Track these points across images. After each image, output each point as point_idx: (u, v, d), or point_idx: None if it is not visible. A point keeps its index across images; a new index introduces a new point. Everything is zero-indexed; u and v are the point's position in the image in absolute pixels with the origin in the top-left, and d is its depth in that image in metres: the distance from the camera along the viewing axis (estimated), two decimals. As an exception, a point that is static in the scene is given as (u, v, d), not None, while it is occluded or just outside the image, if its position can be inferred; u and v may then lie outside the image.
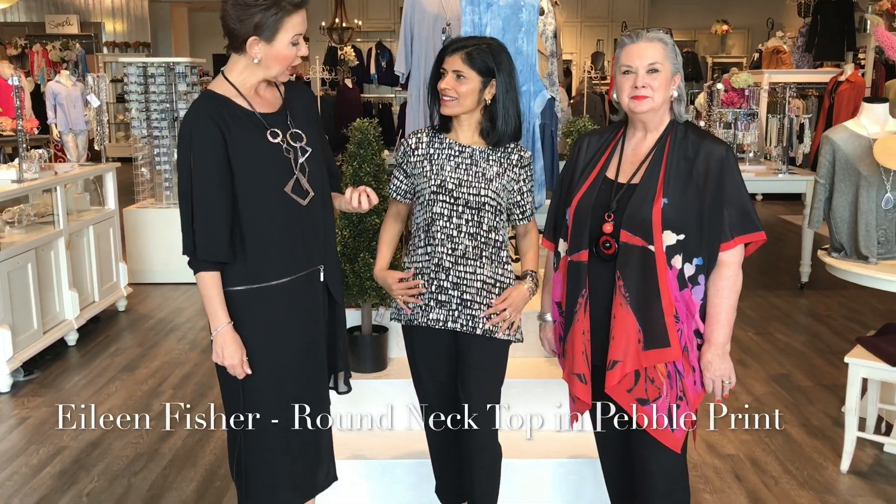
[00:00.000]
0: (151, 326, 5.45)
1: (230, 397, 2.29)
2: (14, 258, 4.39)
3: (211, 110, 2.14)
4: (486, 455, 2.54)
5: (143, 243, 6.41)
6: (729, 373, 2.29)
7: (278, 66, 2.18)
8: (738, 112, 6.02)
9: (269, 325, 2.24)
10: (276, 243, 2.21)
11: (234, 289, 2.20)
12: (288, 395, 2.31)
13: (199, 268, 2.16)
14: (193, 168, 2.12)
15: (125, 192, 7.35)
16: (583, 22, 15.64)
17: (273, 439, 2.30)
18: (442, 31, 4.36)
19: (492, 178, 2.43)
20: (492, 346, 2.49)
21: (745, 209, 2.25)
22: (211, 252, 2.14)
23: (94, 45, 15.06)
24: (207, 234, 2.13)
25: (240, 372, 2.20)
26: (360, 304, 3.33)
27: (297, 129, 2.27)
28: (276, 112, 2.26)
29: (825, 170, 3.60)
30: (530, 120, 3.77)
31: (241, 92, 2.19)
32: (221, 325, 2.17)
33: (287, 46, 2.15)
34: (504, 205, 2.47)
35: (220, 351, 2.18)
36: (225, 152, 2.12)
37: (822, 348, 4.94)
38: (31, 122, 7.17)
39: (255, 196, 2.17)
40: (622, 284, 2.22)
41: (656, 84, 2.20)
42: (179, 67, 6.44)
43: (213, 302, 2.17)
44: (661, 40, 2.22)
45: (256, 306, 2.22)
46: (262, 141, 2.18)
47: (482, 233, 2.44)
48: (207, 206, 2.13)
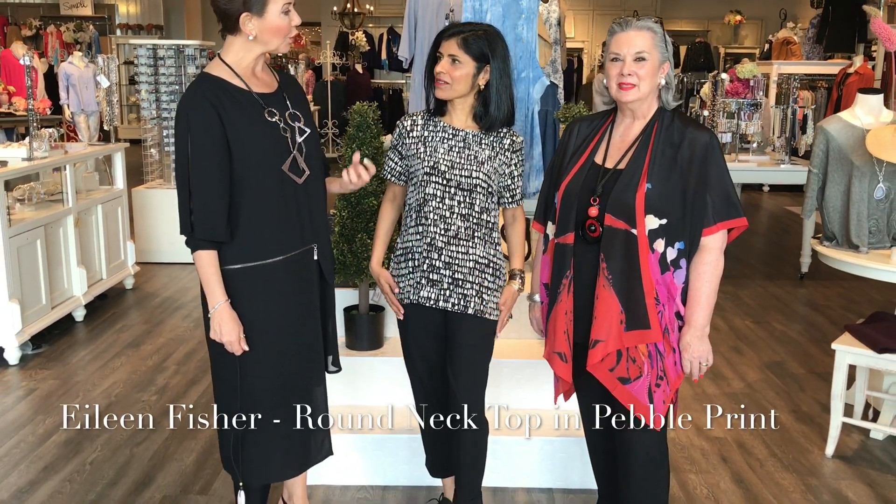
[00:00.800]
0: (157, 304, 5.55)
1: (224, 375, 2.34)
2: (24, 234, 4.50)
3: (207, 93, 2.17)
4: (472, 430, 2.61)
5: (150, 223, 6.52)
6: (707, 354, 2.35)
7: (275, 38, 2.22)
8: (742, 102, 6.05)
9: (266, 303, 2.29)
10: (274, 221, 2.26)
11: (231, 267, 2.24)
12: (284, 372, 2.37)
13: (197, 246, 2.20)
14: (191, 150, 2.15)
15: (135, 173, 7.46)
16: (595, 10, 15.63)
17: (269, 416, 2.36)
18: (445, 17, 4.42)
19: (483, 161, 2.50)
20: (481, 325, 2.56)
21: (727, 195, 2.30)
22: (208, 231, 2.18)
23: (107, 27, 15.16)
24: (205, 213, 2.17)
25: (237, 348, 2.25)
26: (357, 284, 3.41)
27: (294, 110, 2.33)
28: (273, 93, 2.31)
29: (819, 159, 3.65)
30: (529, 106, 3.83)
31: (238, 73, 2.24)
32: (219, 302, 2.21)
33: (279, 16, 2.19)
34: (495, 187, 2.54)
35: (217, 328, 2.23)
36: (222, 133, 2.16)
37: (817, 337, 4.99)
38: (44, 103, 7.29)
39: (253, 174, 2.21)
40: (605, 267, 2.28)
41: (643, 72, 2.26)
42: (189, 50, 6.52)
43: (211, 280, 2.21)
44: (650, 29, 2.27)
45: (253, 284, 2.27)
46: (259, 120, 2.23)
47: (474, 214, 2.51)
48: (205, 186, 2.16)
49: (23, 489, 3.14)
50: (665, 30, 2.34)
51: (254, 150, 2.21)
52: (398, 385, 3.27)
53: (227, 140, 2.17)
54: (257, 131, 2.22)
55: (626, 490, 2.44)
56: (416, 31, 4.48)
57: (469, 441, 2.63)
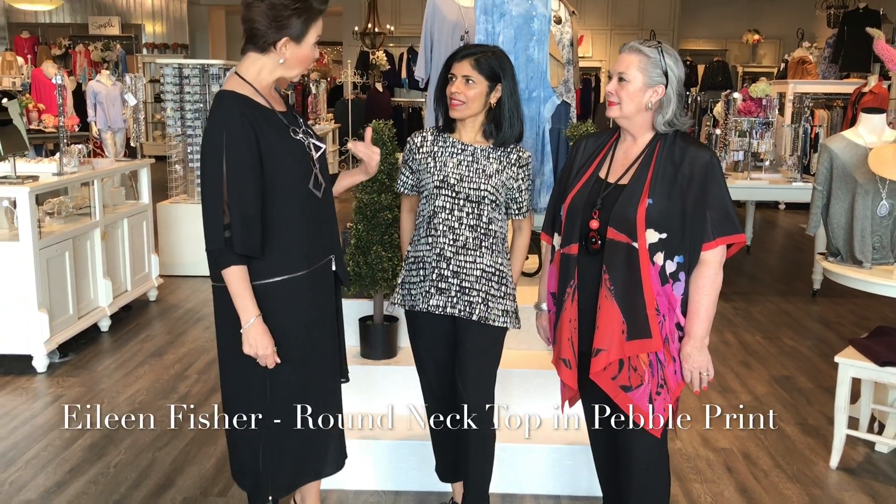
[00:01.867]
0: (180, 316, 5.70)
1: (250, 390, 2.36)
2: (53, 246, 4.67)
3: (242, 108, 2.22)
4: (480, 434, 2.72)
5: (174, 237, 6.69)
6: (707, 365, 2.43)
7: (300, 66, 2.33)
8: (754, 121, 6.14)
9: (294, 316, 2.35)
10: (302, 235, 2.33)
11: (260, 282, 2.27)
12: (310, 382, 2.43)
13: (230, 262, 2.20)
14: (228, 166, 2.17)
15: (160, 189, 7.65)
16: (612, 30, 15.75)
17: (295, 425, 2.42)
18: (461, 39, 4.56)
19: (491, 175, 2.62)
20: (487, 331, 2.67)
21: (726, 212, 2.40)
22: (248, 246, 2.20)
23: (134, 46, 15.51)
24: (244, 228, 2.18)
25: (271, 362, 2.28)
26: (372, 295, 3.53)
27: (306, 127, 2.44)
28: (286, 112, 2.40)
29: (823, 177, 3.74)
30: (540, 124, 3.95)
31: (259, 91, 2.31)
32: (253, 317, 2.23)
33: (311, 48, 2.30)
34: (502, 200, 2.66)
35: (253, 343, 2.24)
36: (258, 149, 2.20)
37: (827, 353, 5.04)
38: (72, 120, 7.50)
39: (286, 191, 2.27)
40: (608, 278, 2.39)
41: (623, 93, 2.37)
42: (213, 69, 6.71)
43: (244, 295, 2.23)
44: (640, 51, 2.37)
45: (281, 298, 2.31)
46: (288, 138, 2.31)
47: (482, 224, 2.63)
48: (244, 202, 2.18)
49: (50, 490, 3.27)
50: (666, 54, 2.36)
51: (284, 166, 2.27)
52: (410, 393, 3.38)
53: (261, 155, 2.22)
54: (287, 149, 2.30)
55: (628, 495, 2.53)
56: (433, 52, 4.63)
57: (477, 446, 2.73)
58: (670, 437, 3.68)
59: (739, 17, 16.46)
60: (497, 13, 3.76)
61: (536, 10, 3.82)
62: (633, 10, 15.78)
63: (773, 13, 16.30)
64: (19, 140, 4.93)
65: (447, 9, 4.56)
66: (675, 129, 2.45)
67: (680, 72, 2.42)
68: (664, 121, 2.41)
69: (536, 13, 3.81)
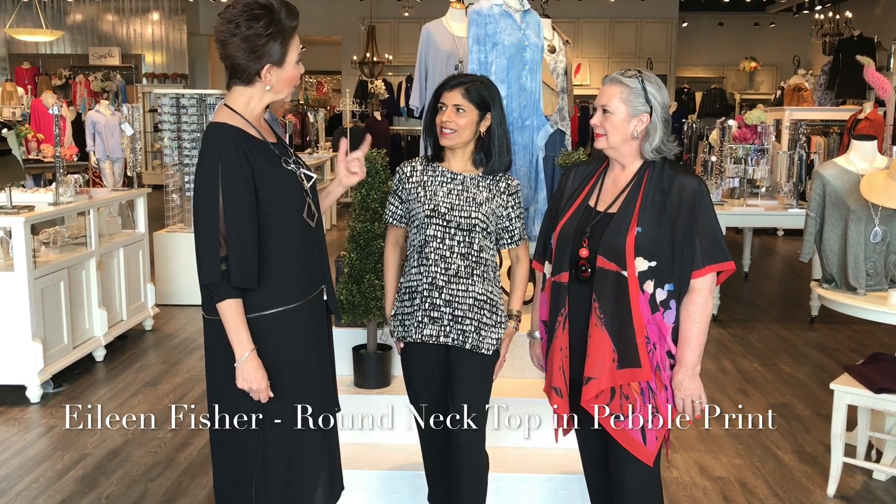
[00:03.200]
0: (175, 345, 5.69)
1: (242, 431, 2.29)
2: (48, 276, 4.67)
3: (237, 140, 2.21)
4: (472, 462, 2.69)
5: (170, 266, 6.69)
6: (699, 393, 2.42)
7: (287, 87, 2.33)
8: (749, 148, 6.17)
9: (289, 348, 2.32)
10: (296, 266, 2.31)
11: (255, 315, 2.23)
12: (306, 415, 2.38)
13: (226, 295, 2.17)
14: (224, 198, 2.14)
15: (157, 218, 7.67)
16: (610, 58, 15.88)
17: (287, 461, 2.36)
18: (455, 68, 4.59)
19: (482, 203, 2.63)
20: (479, 361, 2.66)
21: (716, 239, 2.40)
22: (244, 278, 2.17)
23: (134, 76, 15.63)
24: (241, 261, 2.16)
25: (265, 396, 2.24)
26: (365, 323, 3.52)
27: (297, 158, 2.44)
28: (277, 142, 2.40)
29: (815, 203, 3.74)
30: (534, 152, 3.97)
31: (250, 122, 2.30)
32: (248, 350, 2.19)
33: (294, 66, 2.30)
34: (492, 228, 2.67)
35: (248, 377, 2.20)
36: (253, 180, 2.19)
37: (825, 380, 5.01)
38: (71, 150, 7.55)
39: (280, 222, 2.26)
40: (598, 306, 2.38)
41: (608, 125, 2.39)
42: (210, 99, 6.75)
43: (240, 328, 2.19)
44: (621, 82, 2.38)
45: (276, 331, 2.27)
46: (280, 169, 2.30)
47: (473, 252, 2.63)
48: (241, 235, 2.15)
49: (40, 522, 3.25)
50: (647, 82, 2.36)
51: (279, 197, 2.26)
52: (405, 423, 3.36)
53: (256, 186, 2.20)
54: (281, 179, 2.29)
55: (622, 524, 2.50)
56: (427, 81, 4.65)
57: (470, 476, 2.71)
58: (666, 465, 3.66)
59: (736, 44, 16.62)
60: (490, 43, 3.79)
61: (529, 39, 3.85)
62: (630, 38, 15.93)
63: (769, 41, 16.46)
64: (17, 170, 4.95)
65: (441, 39, 4.60)
66: (663, 155, 2.46)
67: (663, 98, 2.43)
68: (652, 148, 2.42)
69: (529, 42, 3.84)
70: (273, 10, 2.20)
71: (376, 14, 14.92)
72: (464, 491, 2.71)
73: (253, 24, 2.17)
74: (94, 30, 16.01)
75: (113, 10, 16.00)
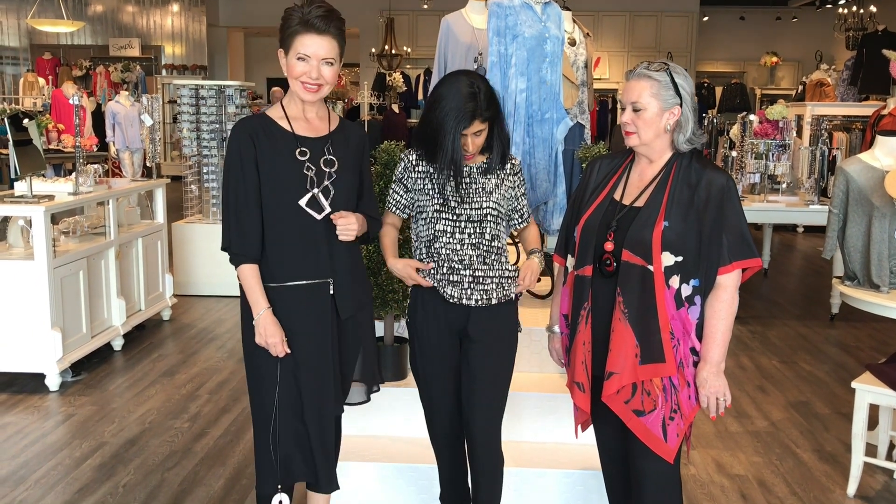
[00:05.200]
0: (193, 335, 5.71)
1: (263, 382, 2.49)
2: (67, 265, 4.69)
3: (248, 125, 2.44)
4: (488, 457, 2.67)
5: (188, 257, 6.72)
6: (723, 390, 2.39)
7: (291, 78, 2.41)
8: (771, 143, 6.10)
9: (280, 323, 2.44)
10: (286, 248, 2.44)
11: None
12: (292, 395, 2.48)
13: (238, 261, 2.43)
14: (229, 173, 2.42)
15: (175, 208, 7.70)
16: (630, 52, 15.77)
17: (289, 426, 2.50)
18: (474, 60, 4.57)
19: (491, 191, 2.61)
20: (506, 312, 2.66)
21: (743, 236, 2.37)
22: (242, 246, 2.41)
23: (153, 68, 15.69)
24: (240, 229, 2.41)
25: (280, 350, 2.41)
26: (382, 316, 3.51)
27: (332, 156, 2.48)
28: (318, 138, 2.48)
29: (838, 200, 3.69)
30: (553, 146, 3.94)
31: (288, 115, 2.47)
32: (263, 309, 2.41)
33: (294, 61, 2.38)
34: (504, 212, 2.66)
35: (263, 331, 2.41)
36: (254, 160, 2.41)
37: (845, 378, 4.97)
38: (91, 140, 7.58)
39: (273, 203, 2.43)
40: (622, 300, 2.36)
41: (640, 123, 2.35)
42: (229, 90, 6.76)
43: (255, 291, 2.42)
44: (649, 77, 2.35)
45: (271, 304, 2.43)
46: (287, 156, 2.42)
47: (484, 242, 2.62)
48: (239, 206, 2.41)
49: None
50: (675, 73, 2.35)
51: (275, 181, 2.42)
52: (421, 416, 3.35)
53: (258, 168, 2.41)
54: (282, 165, 2.42)
55: (640, 521, 2.48)
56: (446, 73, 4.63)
57: (485, 472, 2.69)
58: (684, 462, 3.63)
59: (757, 39, 16.47)
60: (510, 35, 3.76)
61: (549, 31, 3.82)
62: (651, 32, 15.81)
63: (791, 36, 16.30)
64: (38, 159, 4.98)
65: (461, 31, 4.57)
66: (694, 147, 2.43)
67: (690, 87, 2.40)
68: (685, 139, 2.39)
69: (549, 35, 3.81)
70: (300, 8, 2.36)
71: (395, 7, 14.89)
72: (480, 490, 2.68)
73: (287, 9, 2.39)
74: (114, 21, 16.08)
75: (133, 2, 16.07)
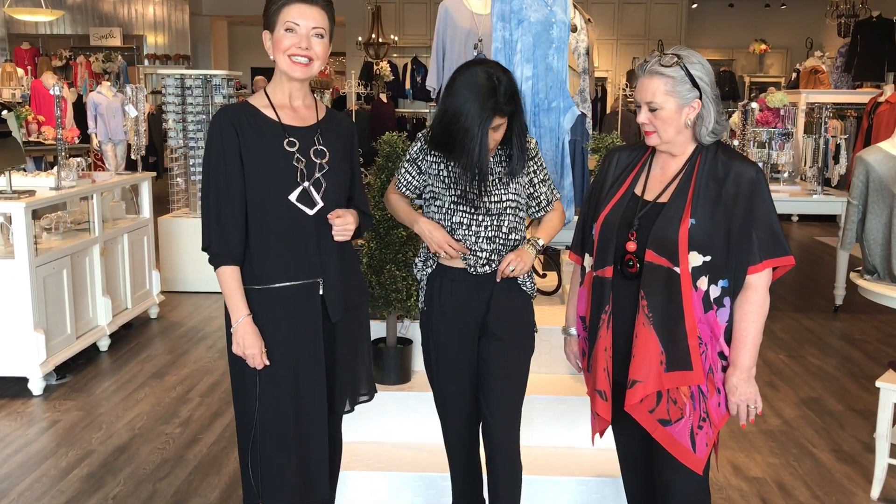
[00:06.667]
0: (182, 334, 5.52)
1: (243, 393, 2.33)
2: (50, 264, 4.49)
3: (230, 114, 2.25)
4: (507, 462, 2.52)
5: (176, 252, 6.51)
6: (755, 397, 2.25)
7: (278, 55, 2.22)
8: (773, 132, 5.97)
9: (263, 328, 2.26)
10: (275, 247, 2.26)
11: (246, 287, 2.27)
12: (281, 405, 2.30)
13: (219, 262, 2.24)
14: (210, 167, 2.23)
15: (161, 202, 7.48)
16: (619, 40, 15.61)
17: (275, 438, 2.32)
18: (474, 47, 4.39)
19: (508, 182, 2.46)
20: (521, 299, 2.53)
21: (774, 232, 2.22)
22: (223, 246, 2.23)
23: (135, 58, 15.37)
24: (221, 228, 2.23)
25: (259, 362, 2.24)
26: (385, 316, 3.34)
27: (322, 147, 2.30)
28: (306, 127, 2.30)
29: (858, 190, 3.55)
30: (560, 136, 3.78)
31: (273, 103, 2.28)
32: (241, 316, 2.23)
33: (280, 33, 2.21)
34: (523, 201, 2.51)
35: (240, 341, 2.23)
36: (238, 153, 2.22)
37: (854, 372, 4.85)
38: (72, 132, 7.33)
39: (259, 199, 2.24)
40: (645, 304, 2.20)
41: (658, 122, 2.19)
42: (216, 80, 6.54)
43: (234, 295, 2.24)
44: (661, 74, 2.17)
45: (254, 307, 2.26)
46: (277, 148, 2.24)
47: (501, 235, 2.48)
48: (220, 202, 2.23)
49: (44, 525, 3.09)
50: (689, 65, 2.16)
51: (262, 175, 2.24)
52: (427, 421, 3.20)
53: (242, 159, 2.22)
54: (269, 158, 2.24)
55: (666, 536, 2.34)
56: (445, 60, 4.45)
57: (505, 478, 2.53)
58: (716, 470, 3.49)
59: (746, 26, 16.34)
60: (515, 20, 3.59)
61: (556, 16, 3.65)
62: (640, 20, 15.66)
63: (780, 23, 16.19)
64: (17, 153, 4.76)
65: (460, 16, 4.39)
66: (718, 137, 2.27)
67: (710, 75, 2.23)
68: (709, 131, 2.23)
69: (556, 19, 3.64)
70: None
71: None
72: (500, 497, 2.53)
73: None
74: (94, 10, 15.73)
75: (114, -10, 15.74)
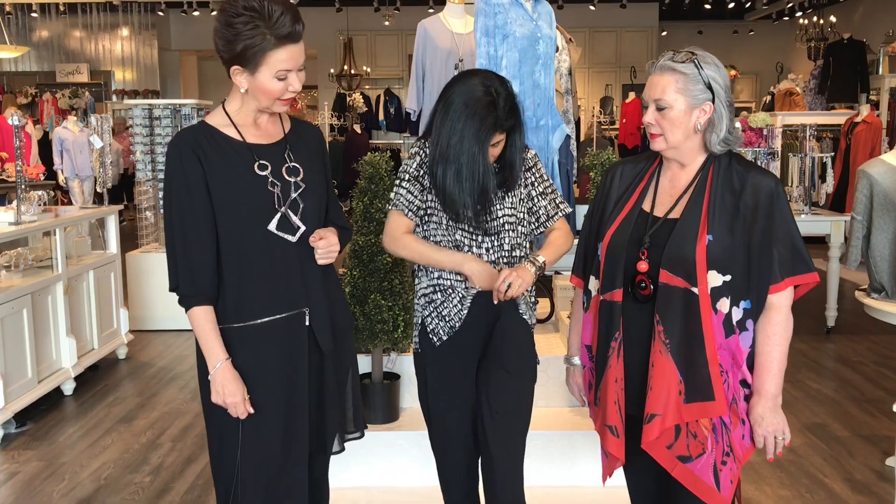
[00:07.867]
0: (152, 375, 5.23)
1: (223, 444, 2.12)
2: (9, 303, 4.21)
3: (189, 139, 2.04)
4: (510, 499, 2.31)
5: (145, 289, 6.24)
6: (783, 427, 2.07)
7: (265, 98, 2.03)
8: (758, 151, 5.86)
9: (246, 369, 2.06)
10: (257, 281, 2.06)
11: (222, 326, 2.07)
12: (266, 452, 2.10)
13: (189, 303, 2.04)
14: (172, 200, 2.02)
15: (130, 237, 7.21)
16: (591, 67, 15.63)
17: (260, 489, 2.11)
18: (455, 67, 4.23)
19: (504, 197, 2.31)
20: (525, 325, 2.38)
21: (795, 247, 2.05)
22: (193, 285, 2.03)
23: (103, 93, 15.11)
24: (190, 266, 2.03)
25: (242, 411, 2.04)
26: (370, 350, 3.12)
27: (295, 164, 2.10)
28: (274, 144, 2.11)
29: (862, 206, 3.41)
30: (549, 156, 3.61)
31: (235, 122, 2.07)
32: (219, 361, 2.03)
33: (271, 81, 1.99)
34: (522, 216, 2.36)
35: (220, 389, 2.03)
36: (204, 182, 2.01)
37: (855, 396, 4.69)
38: (38, 168, 7.07)
39: (234, 231, 2.04)
40: (662, 330, 2.01)
41: (665, 123, 2.02)
42: (185, 109, 6.34)
43: (209, 338, 2.04)
44: (674, 69, 2.01)
45: (234, 347, 2.06)
46: (246, 173, 2.04)
47: (504, 253, 2.33)
48: (188, 238, 2.03)
49: (-1, 590, 2.80)
50: (703, 63, 2.00)
51: (234, 204, 2.03)
52: (418, 462, 2.97)
53: (209, 189, 2.01)
54: (241, 185, 2.03)
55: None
56: (425, 82, 4.29)
57: None
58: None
59: (716, 52, 15.53)
60: (500, 35, 3.43)
61: (542, 30, 3.49)
62: (611, 48, 15.71)
63: (748, 49, 16.33)
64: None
65: (440, 36, 4.23)
66: (730, 147, 2.10)
67: (724, 79, 2.07)
68: (719, 140, 2.05)
69: (542, 34, 3.49)
70: (261, 16, 1.94)
71: (353, 27, 14.55)
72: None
73: (233, 19, 1.96)
74: (61, 46, 15.46)
75: (81, 26, 15.46)
